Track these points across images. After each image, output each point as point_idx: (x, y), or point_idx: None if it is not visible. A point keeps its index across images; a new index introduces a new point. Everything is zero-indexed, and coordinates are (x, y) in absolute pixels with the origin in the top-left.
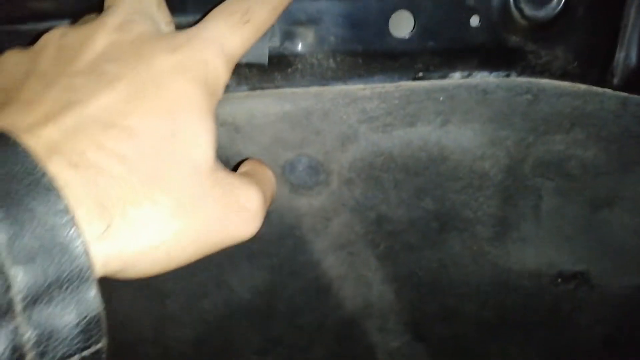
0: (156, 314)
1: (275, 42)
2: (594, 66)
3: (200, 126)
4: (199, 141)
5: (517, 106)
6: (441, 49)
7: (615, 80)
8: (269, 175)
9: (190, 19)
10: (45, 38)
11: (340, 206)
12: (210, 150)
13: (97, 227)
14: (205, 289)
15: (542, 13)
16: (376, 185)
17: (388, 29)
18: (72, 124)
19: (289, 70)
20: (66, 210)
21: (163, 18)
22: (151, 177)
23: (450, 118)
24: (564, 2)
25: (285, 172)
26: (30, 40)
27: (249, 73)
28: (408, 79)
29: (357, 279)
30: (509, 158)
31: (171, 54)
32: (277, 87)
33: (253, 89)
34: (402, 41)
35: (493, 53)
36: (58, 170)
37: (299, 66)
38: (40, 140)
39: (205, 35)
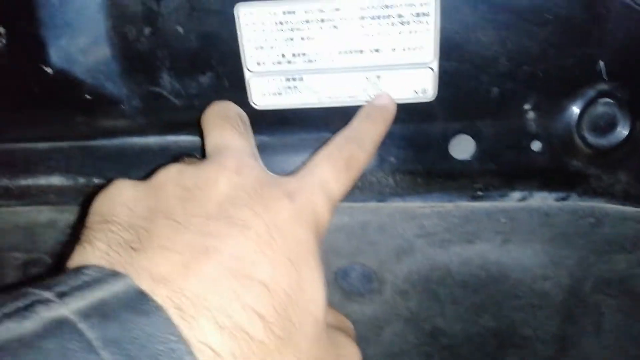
0: None
1: None
2: None
3: (317, 276)
4: (318, 293)
5: (580, 228)
6: (501, 171)
7: None
8: (352, 327)
9: None
10: (162, 174)
11: (393, 316)
12: (325, 301)
13: None
14: None
15: (605, 141)
16: (432, 298)
17: (448, 152)
18: (211, 275)
19: None
20: None
21: None
22: (283, 339)
23: (510, 237)
24: (629, 131)
25: (337, 278)
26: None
27: None
28: (467, 198)
29: None
30: (570, 278)
31: (289, 201)
32: None
33: None
34: (462, 163)
35: (554, 175)
36: (204, 334)
37: (359, 184)
38: (182, 296)
39: (313, 181)
